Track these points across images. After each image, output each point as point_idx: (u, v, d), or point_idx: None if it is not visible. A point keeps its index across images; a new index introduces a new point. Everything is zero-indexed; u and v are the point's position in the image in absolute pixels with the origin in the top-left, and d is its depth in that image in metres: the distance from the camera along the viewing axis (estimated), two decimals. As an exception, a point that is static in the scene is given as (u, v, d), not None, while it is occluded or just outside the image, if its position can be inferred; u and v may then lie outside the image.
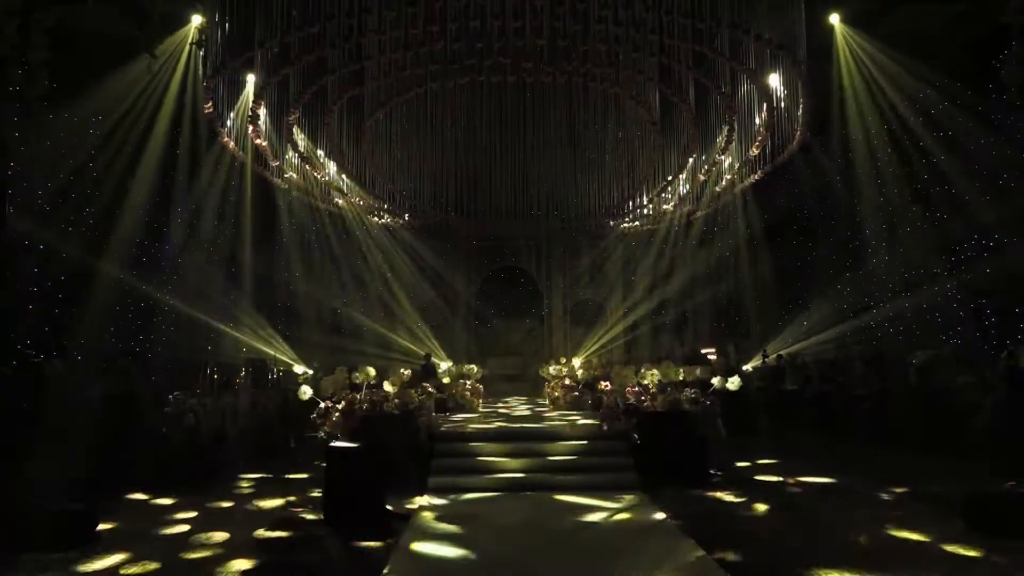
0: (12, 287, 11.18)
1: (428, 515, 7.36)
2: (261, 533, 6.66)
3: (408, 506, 7.67)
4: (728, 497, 8.15)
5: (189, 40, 12.99)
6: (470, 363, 16.53)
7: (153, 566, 5.58)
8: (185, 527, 6.85)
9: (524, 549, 6.19)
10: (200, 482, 8.96)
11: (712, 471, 9.18)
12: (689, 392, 9.88)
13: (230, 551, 6.01)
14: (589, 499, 7.94)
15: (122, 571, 5.46)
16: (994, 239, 12.92)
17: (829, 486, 8.62)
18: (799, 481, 8.94)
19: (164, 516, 7.30)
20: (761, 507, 7.58)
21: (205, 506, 7.80)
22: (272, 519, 7.22)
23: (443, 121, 15.35)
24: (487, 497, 8.18)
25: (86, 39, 12.88)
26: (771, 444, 12.13)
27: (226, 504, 7.95)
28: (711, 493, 8.30)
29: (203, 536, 6.51)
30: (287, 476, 9.81)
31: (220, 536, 6.52)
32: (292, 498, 8.27)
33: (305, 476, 9.68)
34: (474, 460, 9.25)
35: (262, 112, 13.02)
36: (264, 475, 9.86)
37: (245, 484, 9.20)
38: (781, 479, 9.13)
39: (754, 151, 14.70)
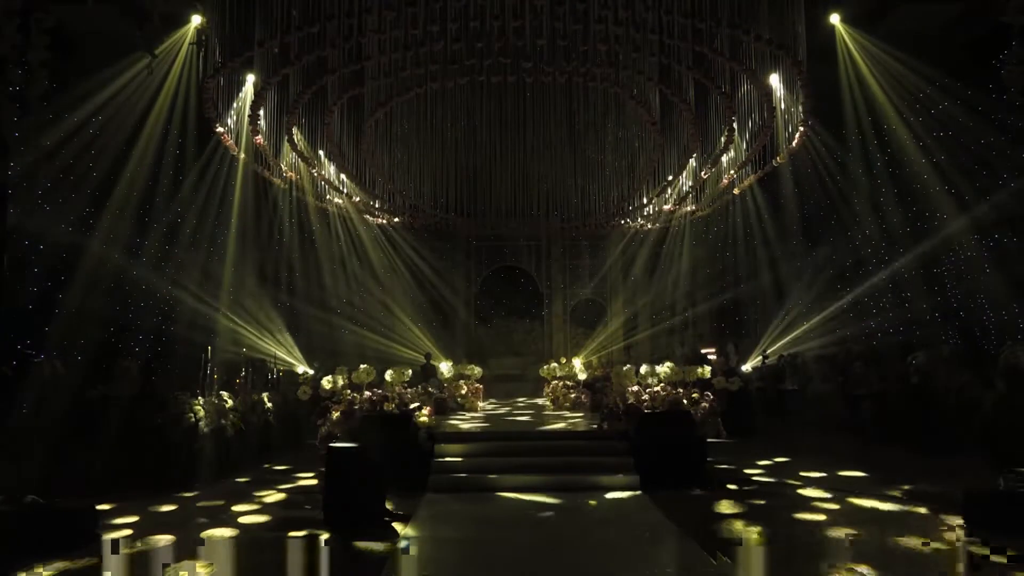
0: (12, 287, 11.19)
1: (428, 515, 7.36)
2: (260, 533, 6.65)
3: (408, 506, 7.66)
4: (728, 497, 8.15)
5: (189, 40, 13.01)
6: (470, 363, 16.53)
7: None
8: (184, 526, 6.84)
9: (524, 549, 6.19)
10: (198, 482, 8.97)
11: (712, 471, 9.18)
12: (689, 392, 9.90)
13: (229, 551, 6.01)
14: (589, 499, 7.94)
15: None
16: (994, 238, 12.92)
17: (829, 486, 8.62)
18: (799, 481, 8.93)
19: (163, 515, 7.30)
20: (761, 507, 7.58)
21: (204, 506, 7.80)
22: (271, 518, 7.22)
23: (443, 121, 15.34)
24: (487, 497, 8.18)
25: (86, 39, 12.94)
26: (771, 444, 12.12)
27: (225, 504, 7.94)
28: (711, 493, 8.30)
29: (202, 535, 6.52)
30: (285, 476, 9.82)
31: (219, 536, 6.52)
32: (291, 496, 8.28)
33: (302, 476, 9.68)
34: (474, 460, 9.24)
35: (261, 112, 13.01)
36: (262, 475, 9.87)
37: (243, 484, 9.20)
38: (781, 479, 9.13)
39: (752, 151, 14.71)
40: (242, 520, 7.19)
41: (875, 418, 11.92)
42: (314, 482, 9.08)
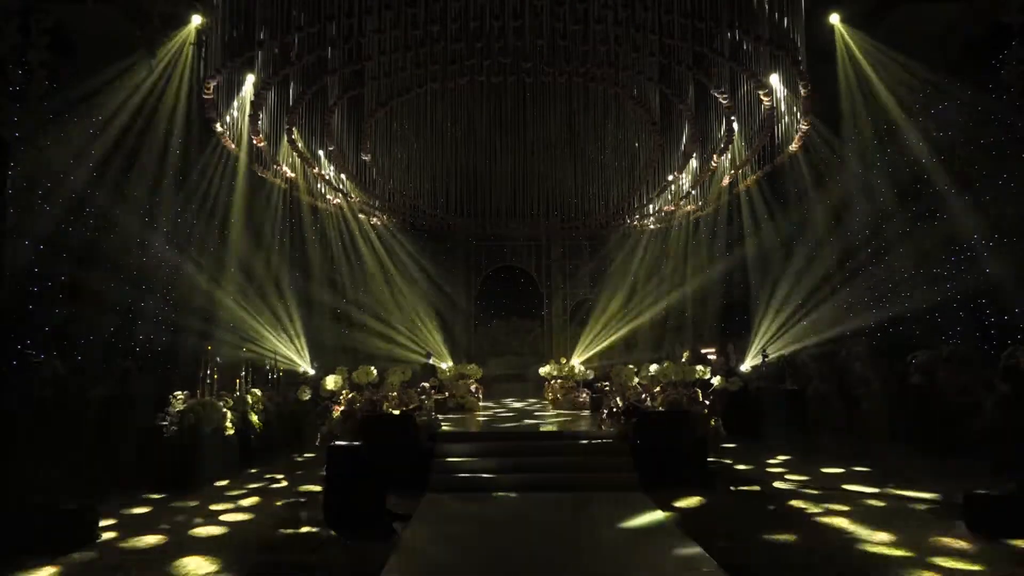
0: (12, 287, 11.18)
1: (428, 515, 7.36)
2: (261, 533, 6.66)
3: (408, 506, 7.66)
4: (728, 497, 8.16)
5: (189, 40, 13.01)
6: (470, 363, 16.52)
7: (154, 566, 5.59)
8: (185, 527, 6.84)
9: (524, 549, 6.20)
10: (198, 482, 8.97)
11: (711, 471, 9.18)
12: (689, 392, 9.90)
13: (228, 550, 6.02)
14: (589, 499, 7.94)
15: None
16: (994, 239, 12.91)
17: (829, 485, 8.62)
18: (799, 481, 8.93)
19: (164, 515, 7.30)
20: (761, 507, 7.58)
21: (203, 507, 7.80)
22: (272, 519, 7.22)
23: (443, 121, 15.34)
24: (487, 497, 8.18)
25: (86, 39, 12.92)
26: (771, 444, 12.12)
27: (225, 504, 7.95)
28: (711, 493, 8.30)
29: (202, 534, 6.52)
30: (284, 476, 9.82)
31: (219, 535, 6.53)
32: (291, 499, 8.28)
33: (302, 475, 9.68)
34: (474, 460, 9.25)
35: (261, 112, 13.00)
36: (261, 475, 9.86)
37: (243, 484, 9.20)
38: (782, 479, 9.13)
39: (753, 150, 14.70)
40: (241, 519, 7.20)
41: (875, 418, 11.92)
42: (314, 484, 9.09)
